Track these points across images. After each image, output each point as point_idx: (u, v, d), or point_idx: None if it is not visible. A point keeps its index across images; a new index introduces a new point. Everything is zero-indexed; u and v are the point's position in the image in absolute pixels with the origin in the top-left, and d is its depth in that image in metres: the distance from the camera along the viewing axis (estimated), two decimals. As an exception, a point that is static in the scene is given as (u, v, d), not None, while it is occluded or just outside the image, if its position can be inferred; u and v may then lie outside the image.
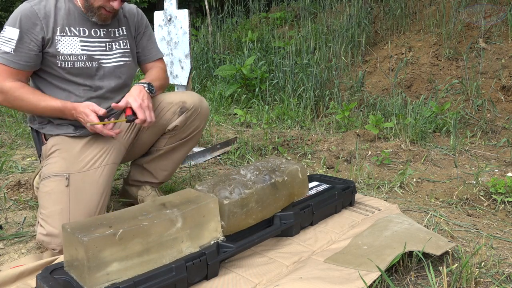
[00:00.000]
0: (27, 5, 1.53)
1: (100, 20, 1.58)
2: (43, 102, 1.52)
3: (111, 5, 1.54)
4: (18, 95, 1.51)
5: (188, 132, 1.74)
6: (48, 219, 1.44)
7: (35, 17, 1.51)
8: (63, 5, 1.57)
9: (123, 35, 1.70)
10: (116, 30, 1.68)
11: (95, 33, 1.62)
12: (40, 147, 1.67)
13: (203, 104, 1.75)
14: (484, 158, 2.56)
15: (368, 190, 2.07)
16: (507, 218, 1.77)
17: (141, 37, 1.78)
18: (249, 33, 5.06)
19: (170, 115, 1.69)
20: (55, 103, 1.52)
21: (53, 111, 1.54)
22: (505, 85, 3.42)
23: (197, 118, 1.73)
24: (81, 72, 1.59)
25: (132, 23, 1.74)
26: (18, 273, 1.28)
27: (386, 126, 2.96)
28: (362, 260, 1.27)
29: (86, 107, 1.51)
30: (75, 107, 1.52)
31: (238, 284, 1.21)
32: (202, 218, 1.26)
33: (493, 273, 1.30)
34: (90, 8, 1.55)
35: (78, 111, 1.51)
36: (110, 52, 1.65)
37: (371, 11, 4.87)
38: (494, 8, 4.07)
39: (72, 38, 1.57)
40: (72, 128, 1.61)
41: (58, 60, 1.55)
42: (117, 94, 1.68)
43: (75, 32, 1.58)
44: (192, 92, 1.77)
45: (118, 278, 1.08)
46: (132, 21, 1.74)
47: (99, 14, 1.56)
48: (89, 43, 1.60)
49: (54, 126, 1.61)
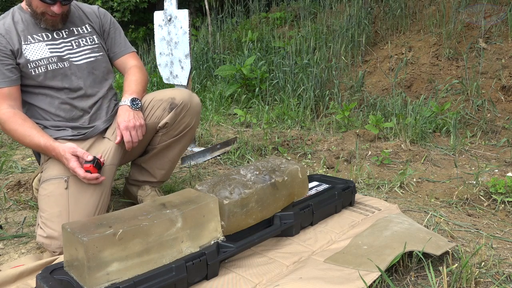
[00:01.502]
0: None
1: (48, 25, 1.62)
2: (28, 138, 1.51)
3: (51, 9, 1.56)
4: (7, 126, 1.52)
5: (180, 129, 1.73)
6: (47, 222, 1.44)
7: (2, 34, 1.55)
8: (19, 17, 1.62)
9: (88, 32, 1.72)
10: (80, 29, 1.71)
11: (57, 35, 1.65)
12: (39, 153, 1.68)
13: (194, 100, 1.74)
14: (484, 158, 2.56)
15: (368, 190, 2.07)
16: (507, 218, 1.77)
17: (108, 35, 1.79)
18: (249, 33, 5.05)
19: (160, 112, 1.69)
20: (38, 140, 1.50)
21: (37, 148, 1.54)
22: (505, 85, 3.42)
23: (187, 114, 1.72)
24: (56, 74, 1.61)
25: (96, 23, 1.76)
26: (18, 273, 1.28)
27: (386, 126, 2.96)
28: (362, 260, 1.27)
29: (67, 151, 1.46)
30: (55, 148, 1.49)
31: (238, 284, 1.21)
32: (202, 218, 1.26)
33: (493, 273, 1.30)
34: (35, 16, 1.60)
35: (59, 155, 1.49)
36: (79, 49, 1.68)
37: (371, 11, 4.87)
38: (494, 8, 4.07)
39: (38, 44, 1.60)
40: (70, 131, 1.62)
41: (30, 69, 1.57)
42: (98, 88, 1.70)
43: (39, 38, 1.61)
44: (182, 89, 1.77)
45: (118, 278, 1.08)
46: (94, 21, 1.76)
47: (44, 20, 1.60)
48: (55, 45, 1.63)
49: (52, 131, 1.62)
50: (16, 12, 1.64)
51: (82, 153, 1.46)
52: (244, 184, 1.42)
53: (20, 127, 1.51)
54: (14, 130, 1.51)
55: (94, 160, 1.45)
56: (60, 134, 1.61)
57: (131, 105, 1.61)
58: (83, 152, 1.46)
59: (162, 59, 2.64)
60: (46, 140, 1.50)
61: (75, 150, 1.46)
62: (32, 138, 1.50)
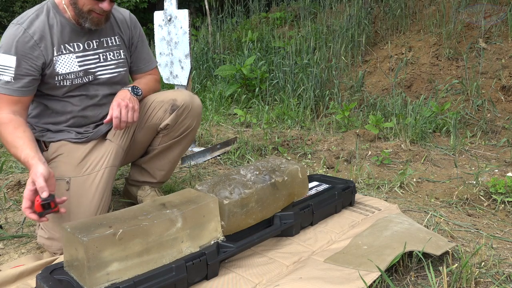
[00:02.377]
0: (19, 29, 1.47)
1: (93, 25, 1.54)
2: (13, 148, 1.41)
3: (100, 7, 1.49)
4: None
5: (181, 130, 1.73)
6: (49, 223, 1.44)
7: (31, 42, 1.47)
8: (55, 21, 1.53)
9: (117, 45, 1.68)
10: (109, 40, 1.66)
11: (88, 45, 1.60)
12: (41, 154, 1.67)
13: (195, 102, 1.73)
14: (484, 158, 2.56)
15: (368, 190, 2.07)
16: (507, 218, 1.77)
17: (135, 48, 1.77)
18: (249, 33, 5.05)
19: (162, 113, 1.69)
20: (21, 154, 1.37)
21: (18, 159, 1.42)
22: (505, 85, 3.42)
23: (188, 116, 1.71)
24: (79, 86, 1.59)
25: (126, 35, 1.72)
26: (18, 273, 1.28)
27: (386, 126, 2.96)
28: (362, 260, 1.27)
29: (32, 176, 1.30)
30: (30, 167, 1.34)
31: (238, 284, 1.21)
32: (202, 218, 1.26)
33: (493, 273, 1.30)
34: (80, 14, 1.51)
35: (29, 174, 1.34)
36: (105, 62, 1.65)
37: (371, 11, 4.87)
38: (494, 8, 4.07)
39: (68, 56, 1.55)
40: (73, 134, 1.61)
41: (56, 81, 1.54)
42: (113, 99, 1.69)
43: (70, 49, 1.56)
44: (183, 90, 1.76)
45: (118, 278, 1.08)
46: (125, 32, 1.72)
47: (90, 18, 1.52)
48: (85, 57, 1.59)
49: (54, 133, 1.61)
50: (50, 11, 1.53)
51: (41, 187, 1.28)
52: (244, 184, 1.42)
53: (9, 135, 1.42)
54: (3, 137, 1.45)
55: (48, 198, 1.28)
56: (63, 136, 1.61)
57: (131, 90, 1.61)
58: (42, 185, 1.28)
59: (162, 59, 2.64)
60: (26, 156, 1.36)
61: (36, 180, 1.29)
62: (16, 151, 1.40)
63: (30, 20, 1.49)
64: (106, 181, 1.54)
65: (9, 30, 1.49)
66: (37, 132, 1.64)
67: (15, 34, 1.46)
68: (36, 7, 1.55)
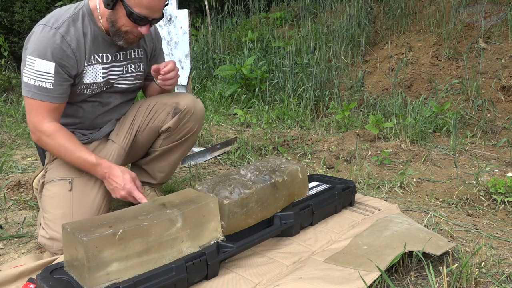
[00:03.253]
0: (56, 34, 1.42)
1: (127, 44, 1.53)
2: (77, 152, 1.46)
3: (139, 30, 1.48)
4: (52, 140, 1.46)
5: (182, 133, 1.73)
6: (50, 223, 1.44)
7: (69, 51, 1.44)
8: (89, 29, 1.49)
9: (138, 57, 1.68)
10: (134, 52, 1.65)
11: (115, 57, 1.59)
12: (43, 152, 1.68)
13: (198, 106, 1.72)
14: (484, 158, 2.56)
15: (368, 190, 2.07)
16: (507, 218, 1.77)
17: (155, 60, 1.77)
18: (249, 33, 5.05)
19: (164, 116, 1.69)
20: (90, 157, 1.47)
21: (85, 164, 1.48)
22: (505, 85, 3.42)
23: (190, 120, 1.71)
24: (96, 94, 1.59)
25: (149, 48, 1.72)
26: (18, 273, 1.28)
27: (386, 126, 2.96)
28: (362, 260, 1.27)
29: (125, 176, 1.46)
30: (110, 169, 1.46)
31: (238, 284, 1.21)
32: (202, 218, 1.26)
33: (493, 273, 1.30)
34: (117, 33, 1.49)
35: (112, 175, 1.46)
36: (126, 74, 1.65)
37: (371, 11, 4.87)
38: (494, 8, 4.07)
39: (95, 66, 1.54)
40: (78, 135, 1.61)
41: (78, 89, 1.53)
42: (124, 107, 1.72)
43: (98, 59, 1.54)
44: (187, 94, 1.76)
45: (118, 278, 1.08)
46: (149, 45, 1.72)
47: (126, 38, 1.50)
48: (110, 68, 1.59)
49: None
50: (86, 18, 1.49)
51: (138, 185, 1.48)
52: (244, 184, 1.42)
53: (67, 142, 1.46)
54: (60, 145, 1.45)
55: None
56: None
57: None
58: (139, 185, 1.48)
59: (162, 59, 2.64)
60: (97, 158, 1.47)
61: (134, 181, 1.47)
62: (81, 154, 1.46)
63: (67, 25, 1.44)
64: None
65: (44, 33, 1.42)
66: None
67: (52, 40, 1.41)
68: (70, 9, 1.49)
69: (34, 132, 1.48)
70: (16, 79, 5.32)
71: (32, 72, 1.41)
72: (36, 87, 1.42)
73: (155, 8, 1.44)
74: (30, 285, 1.25)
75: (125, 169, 1.49)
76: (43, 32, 1.42)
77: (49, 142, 1.46)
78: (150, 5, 1.42)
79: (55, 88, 1.44)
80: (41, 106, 1.44)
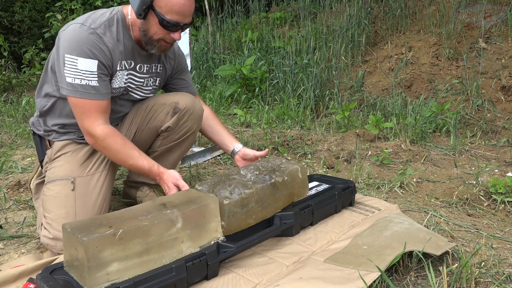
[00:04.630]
0: (94, 34, 1.42)
1: (160, 51, 1.54)
2: (131, 160, 1.46)
3: (171, 37, 1.49)
4: (107, 145, 1.45)
5: (181, 133, 1.73)
6: (53, 223, 1.44)
7: (107, 51, 1.44)
8: (121, 36, 1.50)
9: (157, 72, 1.69)
10: (155, 66, 1.66)
11: (140, 68, 1.60)
12: (42, 151, 1.67)
13: (196, 106, 1.73)
14: (484, 158, 2.56)
15: (368, 190, 2.07)
16: (507, 218, 1.77)
17: (178, 75, 1.79)
18: (249, 33, 5.06)
19: (163, 116, 1.69)
20: (142, 163, 1.47)
21: (139, 170, 1.50)
22: (505, 85, 3.42)
23: (190, 119, 1.71)
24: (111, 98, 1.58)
25: (169, 65, 1.73)
26: (18, 273, 1.28)
27: (386, 126, 2.96)
28: (362, 260, 1.27)
29: (170, 180, 1.47)
30: (160, 175, 1.48)
31: (238, 284, 1.21)
32: (202, 218, 1.26)
33: (493, 273, 1.30)
34: (149, 41, 1.49)
35: (163, 180, 1.49)
36: (144, 87, 1.67)
37: (371, 11, 4.87)
38: (494, 8, 4.07)
39: (122, 72, 1.54)
40: (76, 135, 1.61)
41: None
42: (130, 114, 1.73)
43: (126, 66, 1.54)
44: (185, 93, 1.76)
45: (118, 278, 1.08)
46: (169, 61, 1.73)
47: (159, 46, 1.51)
48: (132, 77, 1.60)
49: (60, 134, 1.61)
50: (119, 24, 1.50)
51: (183, 185, 1.45)
52: (244, 184, 1.42)
53: (122, 148, 1.45)
54: (114, 151, 1.45)
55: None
56: (68, 136, 1.60)
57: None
58: (183, 184, 1.46)
59: (162, 59, 2.63)
60: (149, 163, 1.48)
61: (178, 181, 1.46)
62: (136, 161, 1.47)
63: (104, 27, 1.45)
64: (109, 181, 1.56)
65: (82, 31, 1.41)
66: (42, 131, 1.63)
67: (92, 38, 1.41)
68: (106, 13, 1.50)
69: (88, 136, 1.47)
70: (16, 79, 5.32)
71: (75, 72, 1.39)
72: (83, 86, 1.40)
73: (186, 13, 1.45)
74: (30, 285, 1.25)
75: (169, 174, 1.48)
76: (80, 31, 1.41)
77: (102, 146, 1.45)
78: (181, 10, 1.43)
79: (101, 85, 1.43)
80: (92, 106, 1.43)
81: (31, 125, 1.69)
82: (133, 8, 1.44)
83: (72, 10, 6.05)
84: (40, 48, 6.34)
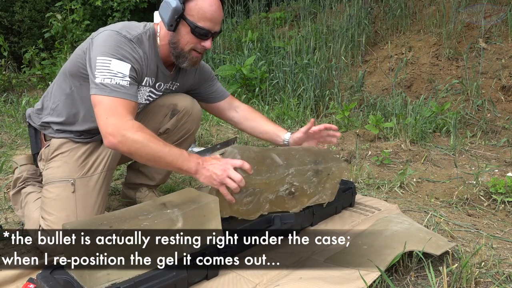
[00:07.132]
0: (131, 42, 1.42)
1: (191, 64, 1.51)
2: (167, 147, 1.32)
3: (202, 45, 1.46)
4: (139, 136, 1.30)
5: (180, 134, 1.73)
6: (54, 226, 1.43)
7: (140, 59, 1.43)
8: (150, 52, 1.49)
9: (171, 90, 1.67)
10: (171, 84, 1.65)
11: (158, 87, 1.59)
12: (36, 144, 1.63)
13: (195, 107, 1.72)
14: (484, 158, 2.56)
15: (368, 190, 2.07)
16: (507, 218, 1.77)
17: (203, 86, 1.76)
18: (249, 33, 5.05)
19: (162, 117, 1.68)
20: (177, 150, 1.34)
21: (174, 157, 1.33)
22: (505, 85, 3.42)
23: (188, 121, 1.71)
24: None
25: (187, 82, 1.70)
26: (18, 273, 1.28)
27: (386, 126, 2.95)
28: (362, 260, 1.27)
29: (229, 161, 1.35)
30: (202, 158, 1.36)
31: (238, 284, 1.21)
32: (202, 218, 1.26)
33: (493, 273, 1.30)
34: (180, 54, 1.47)
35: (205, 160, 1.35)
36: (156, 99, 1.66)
37: (371, 11, 4.87)
38: (494, 8, 4.07)
39: (145, 88, 1.54)
40: (74, 134, 1.60)
41: None
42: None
43: (150, 82, 1.53)
44: (184, 95, 1.74)
45: (119, 278, 1.08)
46: (188, 82, 1.70)
47: (190, 58, 1.48)
48: (151, 95, 1.59)
49: (57, 132, 1.59)
50: (150, 40, 1.49)
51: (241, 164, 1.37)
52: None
53: (154, 138, 1.33)
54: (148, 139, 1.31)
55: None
56: (63, 134, 1.59)
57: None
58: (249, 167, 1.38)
59: (162, 59, 2.63)
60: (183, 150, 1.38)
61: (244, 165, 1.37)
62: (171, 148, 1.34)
63: (138, 38, 1.44)
64: (107, 183, 1.56)
65: (118, 38, 1.40)
66: (37, 124, 1.61)
67: (127, 45, 1.40)
68: (140, 27, 1.50)
69: (115, 134, 1.30)
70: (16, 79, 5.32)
71: (107, 71, 1.35)
72: (113, 84, 1.34)
73: (217, 20, 1.45)
74: (30, 285, 1.24)
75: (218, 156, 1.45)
76: (116, 37, 1.40)
77: (136, 139, 1.29)
78: (213, 17, 1.43)
79: (131, 87, 1.38)
80: (120, 103, 1.34)
81: (27, 116, 1.65)
82: (164, 21, 1.44)
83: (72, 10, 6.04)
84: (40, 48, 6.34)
